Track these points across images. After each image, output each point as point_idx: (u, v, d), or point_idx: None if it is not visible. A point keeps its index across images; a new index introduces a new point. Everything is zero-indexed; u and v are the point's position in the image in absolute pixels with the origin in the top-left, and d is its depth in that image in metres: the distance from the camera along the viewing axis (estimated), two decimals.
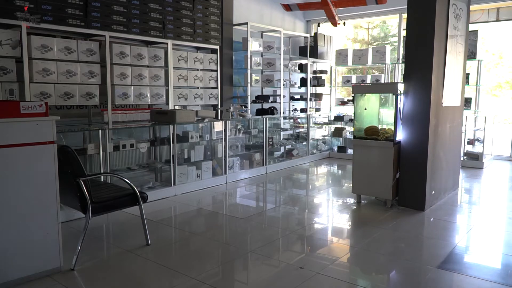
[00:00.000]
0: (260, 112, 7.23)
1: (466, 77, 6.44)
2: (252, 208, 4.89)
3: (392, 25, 11.19)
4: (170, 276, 2.88)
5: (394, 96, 4.50)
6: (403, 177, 4.51)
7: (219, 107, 6.47)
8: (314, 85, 8.62)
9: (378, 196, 4.71)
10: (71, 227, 3.79)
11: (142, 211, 3.38)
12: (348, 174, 5.99)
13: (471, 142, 7.44)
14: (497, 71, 7.89)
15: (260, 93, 7.52)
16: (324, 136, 8.52)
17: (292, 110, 8.14)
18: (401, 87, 4.51)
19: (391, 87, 4.75)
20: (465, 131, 6.84)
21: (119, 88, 5.03)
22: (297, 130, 7.86)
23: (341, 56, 8.46)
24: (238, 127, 6.22)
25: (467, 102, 6.92)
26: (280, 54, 7.56)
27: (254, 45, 7.06)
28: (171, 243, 3.63)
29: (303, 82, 8.41)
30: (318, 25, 8.83)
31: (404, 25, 7.71)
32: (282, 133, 7.56)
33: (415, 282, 2.86)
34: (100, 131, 4.37)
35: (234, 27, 7.03)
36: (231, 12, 6.97)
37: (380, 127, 4.72)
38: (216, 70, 6.35)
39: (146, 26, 5.31)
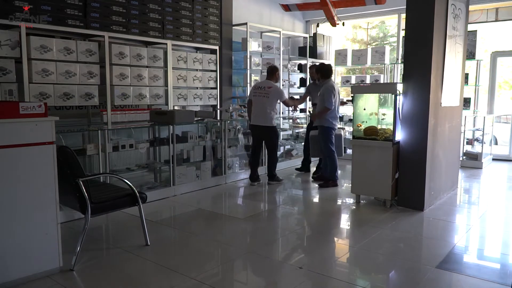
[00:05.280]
0: None
1: (465, 77, 6.45)
2: (252, 208, 4.89)
3: (391, 25, 11.21)
4: (169, 276, 2.88)
5: (393, 96, 4.51)
6: (402, 177, 4.51)
7: (218, 107, 6.47)
8: None
9: (377, 196, 4.71)
10: (70, 227, 3.79)
11: (141, 212, 3.38)
12: (347, 174, 6.00)
13: (470, 142, 7.45)
14: (496, 71, 7.92)
15: None
16: None
17: (292, 110, 8.13)
18: (400, 87, 4.51)
19: (390, 87, 4.75)
20: (464, 131, 6.85)
21: (118, 89, 5.03)
22: (296, 130, 7.86)
23: (340, 56, 8.47)
24: (238, 127, 6.22)
25: (466, 102, 6.93)
26: (280, 55, 7.57)
27: (254, 46, 7.06)
28: (171, 243, 3.63)
29: (303, 83, 8.42)
30: (317, 25, 8.83)
31: (403, 25, 7.73)
32: (281, 133, 7.55)
33: (414, 282, 2.87)
34: (99, 131, 4.37)
35: (233, 27, 7.03)
36: (230, 13, 6.97)
37: (379, 127, 4.72)
38: (216, 71, 6.35)
39: (145, 26, 5.31)
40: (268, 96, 5.41)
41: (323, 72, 5.47)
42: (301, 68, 8.48)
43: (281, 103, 5.98)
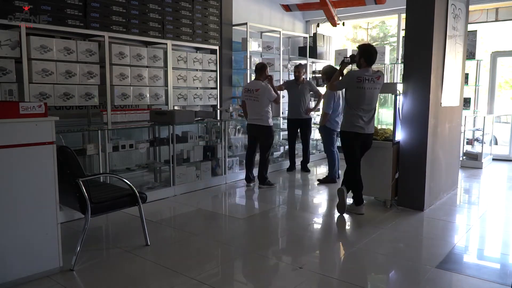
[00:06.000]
0: None
1: (465, 77, 6.45)
2: (252, 208, 4.89)
3: (391, 25, 11.20)
4: (169, 276, 2.88)
5: (393, 96, 4.51)
6: (402, 177, 4.51)
7: (218, 107, 6.47)
8: None
9: (377, 196, 4.71)
10: (70, 227, 3.79)
11: (141, 212, 3.38)
12: None
13: (470, 142, 7.45)
14: (496, 71, 7.92)
15: None
16: None
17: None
18: (400, 87, 4.51)
19: (390, 87, 4.75)
20: (464, 131, 6.85)
21: (118, 89, 5.03)
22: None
23: (340, 56, 8.44)
24: (238, 127, 6.22)
25: (466, 102, 6.93)
26: (280, 55, 7.57)
27: (254, 46, 7.06)
28: (171, 243, 3.63)
29: None
30: (318, 26, 8.83)
31: (403, 25, 7.72)
32: (281, 133, 7.55)
33: (414, 282, 2.87)
34: (99, 131, 4.37)
35: (233, 27, 7.03)
36: (230, 12, 6.97)
37: (379, 127, 4.73)
38: (216, 71, 6.35)
39: (145, 26, 5.31)
40: (258, 99, 5.30)
41: (328, 75, 5.37)
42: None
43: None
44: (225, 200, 5.30)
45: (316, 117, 7.72)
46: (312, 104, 6.84)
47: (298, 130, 6.51)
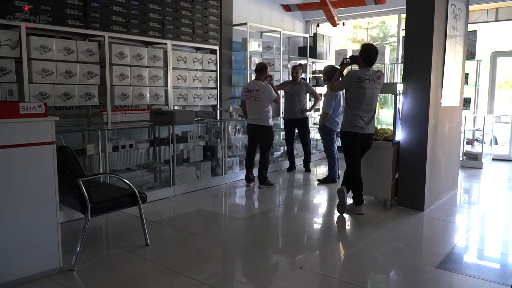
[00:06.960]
0: None
1: (465, 77, 6.45)
2: (252, 208, 4.89)
3: (391, 25, 11.20)
4: (169, 276, 2.88)
5: (393, 96, 4.51)
6: (402, 177, 4.51)
7: (218, 107, 6.47)
8: (313, 85, 8.61)
9: (377, 196, 4.71)
10: (70, 227, 3.79)
11: (141, 212, 3.38)
12: None
13: (470, 142, 7.45)
14: (496, 71, 7.92)
15: None
16: None
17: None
18: (400, 87, 4.51)
19: (390, 87, 4.75)
20: (464, 131, 6.85)
21: (118, 89, 5.03)
22: (296, 131, 7.84)
23: (340, 56, 8.44)
24: (238, 127, 6.21)
25: (466, 102, 6.93)
26: (280, 55, 7.57)
27: (254, 46, 7.06)
28: (171, 243, 3.63)
29: None
30: (318, 26, 8.83)
31: (403, 25, 7.72)
32: (281, 133, 7.55)
33: (414, 282, 2.87)
34: (99, 131, 4.37)
35: (233, 27, 7.03)
36: (230, 13, 6.97)
37: (379, 127, 4.73)
38: (216, 71, 6.35)
39: (145, 26, 5.31)
40: (258, 99, 5.30)
41: (329, 75, 5.34)
42: (301, 68, 8.45)
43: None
44: (225, 200, 5.30)
45: (316, 117, 7.73)
46: (309, 105, 6.81)
47: (296, 130, 6.52)
